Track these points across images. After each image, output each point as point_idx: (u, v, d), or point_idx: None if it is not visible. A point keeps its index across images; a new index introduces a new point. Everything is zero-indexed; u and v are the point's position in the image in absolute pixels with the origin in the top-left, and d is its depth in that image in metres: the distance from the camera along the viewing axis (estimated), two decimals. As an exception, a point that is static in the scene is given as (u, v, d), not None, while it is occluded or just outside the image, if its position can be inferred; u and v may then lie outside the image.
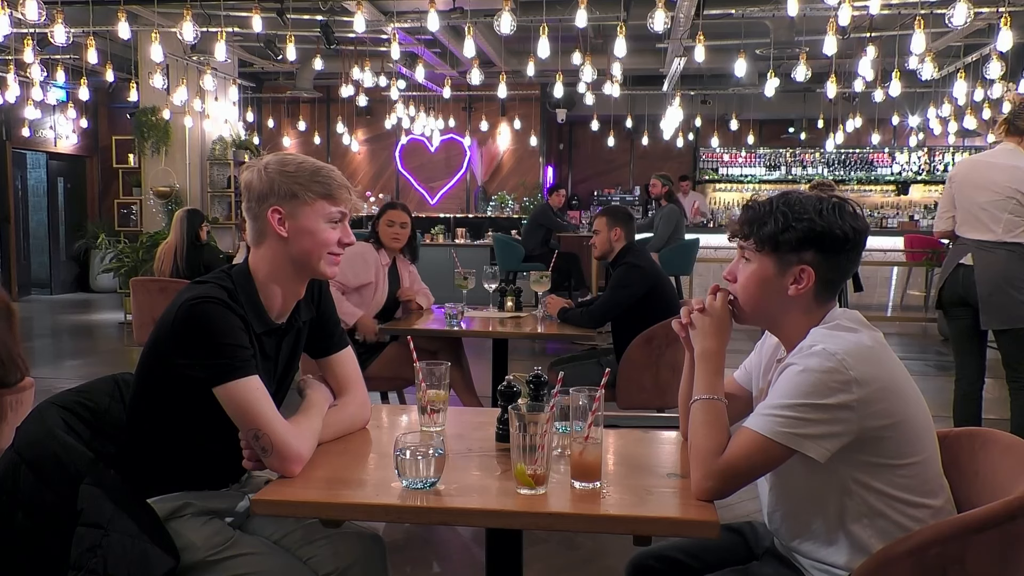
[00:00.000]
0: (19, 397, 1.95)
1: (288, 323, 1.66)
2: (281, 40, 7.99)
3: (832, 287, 1.45)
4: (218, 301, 1.49)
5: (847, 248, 1.41)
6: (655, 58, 9.81)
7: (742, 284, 1.48)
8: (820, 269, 1.41)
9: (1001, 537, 1.23)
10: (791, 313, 1.46)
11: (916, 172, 12.39)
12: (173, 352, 1.48)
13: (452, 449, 1.58)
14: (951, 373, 4.08)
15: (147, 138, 9.48)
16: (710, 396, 1.42)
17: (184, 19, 6.27)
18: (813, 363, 1.33)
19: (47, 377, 5.56)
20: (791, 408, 1.32)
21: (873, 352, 1.37)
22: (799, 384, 1.33)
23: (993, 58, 6.74)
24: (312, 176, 1.58)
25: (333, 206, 1.60)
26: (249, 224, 1.62)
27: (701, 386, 1.45)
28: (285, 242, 1.58)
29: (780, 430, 1.32)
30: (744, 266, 1.48)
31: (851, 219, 1.41)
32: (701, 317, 1.50)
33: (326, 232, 1.59)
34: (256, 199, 1.58)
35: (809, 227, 1.39)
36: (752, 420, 1.36)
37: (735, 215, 12.12)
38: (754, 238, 1.45)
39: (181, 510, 1.57)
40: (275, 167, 1.58)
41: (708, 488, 1.34)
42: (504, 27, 5.95)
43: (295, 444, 1.47)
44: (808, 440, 1.31)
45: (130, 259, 8.09)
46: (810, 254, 1.41)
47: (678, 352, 3.45)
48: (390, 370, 3.77)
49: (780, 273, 1.43)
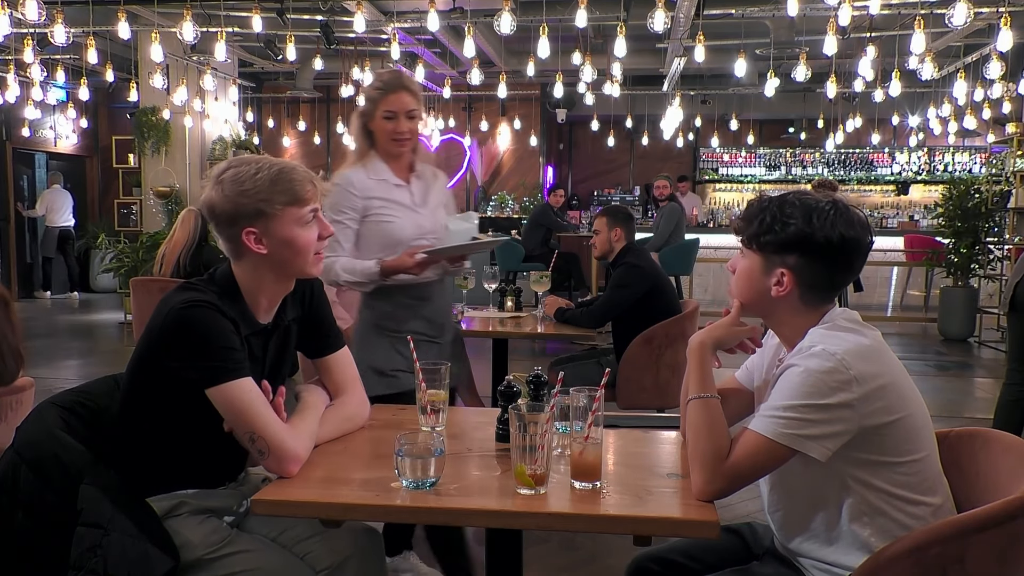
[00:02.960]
0: (19, 397, 1.95)
1: (274, 323, 1.65)
2: (281, 40, 7.99)
3: (820, 292, 1.43)
4: (208, 305, 1.48)
5: (831, 256, 1.39)
6: (655, 58, 9.81)
7: (736, 277, 1.51)
8: (802, 274, 1.41)
9: (1001, 537, 1.23)
10: (780, 312, 1.47)
11: (916, 172, 12.38)
12: (164, 356, 1.48)
13: (452, 449, 1.58)
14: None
15: (147, 138, 9.47)
16: (705, 395, 1.43)
17: (184, 19, 6.27)
18: (813, 364, 1.33)
19: (47, 377, 5.56)
20: (793, 409, 1.32)
21: (872, 350, 1.37)
22: (800, 385, 1.33)
23: (993, 58, 6.73)
24: (272, 186, 1.52)
25: (302, 208, 1.55)
26: (223, 244, 1.58)
27: (695, 383, 1.45)
28: (265, 256, 1.55)
29: (782, 431, 1.32)
30: (740, 260, 1.50)
31: (844, 227, 1.38)
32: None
33: (303, 237, 1.56)
34: (225, 223, 1.53)
35: (793, 232, 1.39)
36: (755, 422, 1.37)
37: (735, 215, 12.14)
38: (744, 236, 1.47)
39: (178, 508, 1.56)
40: (232, 186, 1.52)
41: (712, 490, 1.35)
42: (504, 27, 5.96)
43: (292, 444, 1.47)
44: (810, 440, 1.32)
45: (130, 259, 8.07)
46: (793, 258, 1.41)
47: (678, 352, 3.46)
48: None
49: (765, 273, 1.44)
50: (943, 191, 8.21)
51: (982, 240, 7.76)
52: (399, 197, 2.38)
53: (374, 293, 2.38)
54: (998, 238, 7.84)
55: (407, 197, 2.40)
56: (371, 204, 2.36)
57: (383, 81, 2.36)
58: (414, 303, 2.40)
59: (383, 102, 2.32)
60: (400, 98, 2.33)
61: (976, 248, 7.74)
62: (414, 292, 2.39)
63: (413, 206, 2.40)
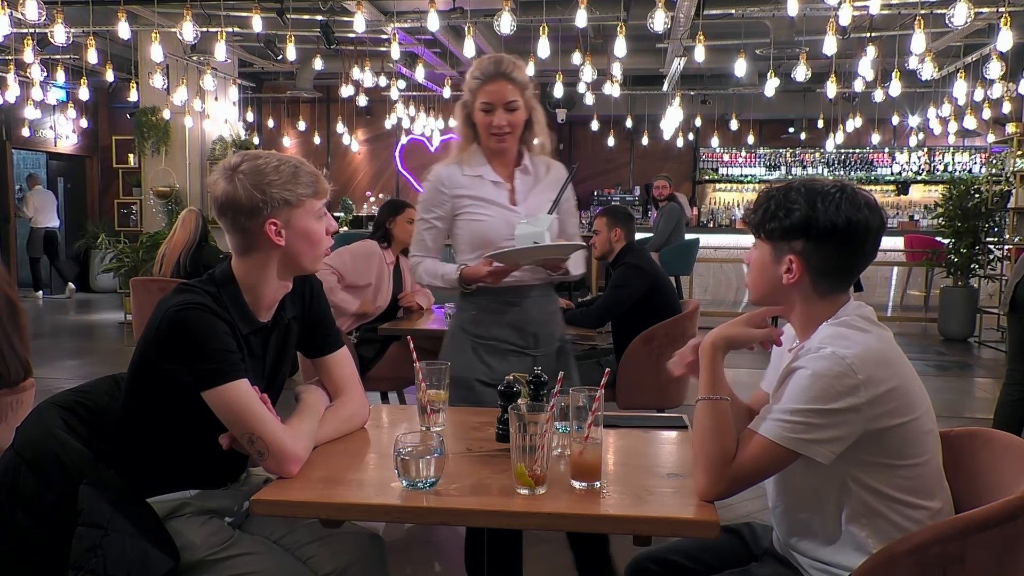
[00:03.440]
0: (19, 397, 1.95)
1: (274, 321, 1.65)
2: (281, 40, 7.99)
3: (831, 278, 1.42)
4: (203, 307, 1.48)
5: (838, 239, 1.37)
6: (655, 58, 9.81)
7: (750, 270, 1.51)
8: (811, 259, 1.40)
9: (1001, 537, 1.23)
10: (794, 301, 1.45)
11: (916, 172, 12.37)
12: (160, 358, 1.48)
13: (452, 449, 1.58)
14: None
15: (147, 138, 9.47)
16: (715, 397, 1.41)
17: (184, 19, 6.27)
18: (822, 367, 1.32)
19: (47, 377, 5.56)
20: (800, 413, 1.31)
21: (883, 354, 1.36)
22: (808, 388, 1.32)
23: (993, 58, 6.73)
24: (295, 177, 1.54)
25: (319, 200, 1.59)
26: (235, 237, 1.56)
27: (705, 384, 1.43)
28: (280, 249, 1.56)
29: (788, 435, 1.32)
30: (753, 252, 1.50)
31: (850, 209, 1.37)
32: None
33: (319, 230, 1.59)
34: (247, 214, 1.52)
35: (798, 217, 1.38)
36: (762, 424, 1.36)
37: (735, 215, 12.15)
38: (752, 226, 1.47)
39: (180, 509, 1.57)
40: (255, 177, 1.52)
41: (715, 492, 1.34)
42: (504, 27, 5.96)
43: (291, 444, 1.47)
44: (815, 444, 1.31)
45: (130, 259, 8.08)
46: (799, 243, 1.40)
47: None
48: (390, 370, 3.78)
49: (775, 261, 1.44)
50: (943, 191, 8.22)
51: (982, 240, 7.76)
52: (493, 195, 2.19)
53: (463, 294, 2.24)
54: (998, 238, 7.84)
55: (503, 195, 2.21)
56: (461, 202, 2.20)
57: (481, 69, 2.15)
58: (500, 308, 2.20)
59: (480, 92, 2.14)
60: (498, 88, 2.12)
61: (976, 248, 7.74)
62: (501, 296, 2.20)
63: (508, 205, 2.20)
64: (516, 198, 2.22)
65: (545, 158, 2.29)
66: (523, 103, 2.16)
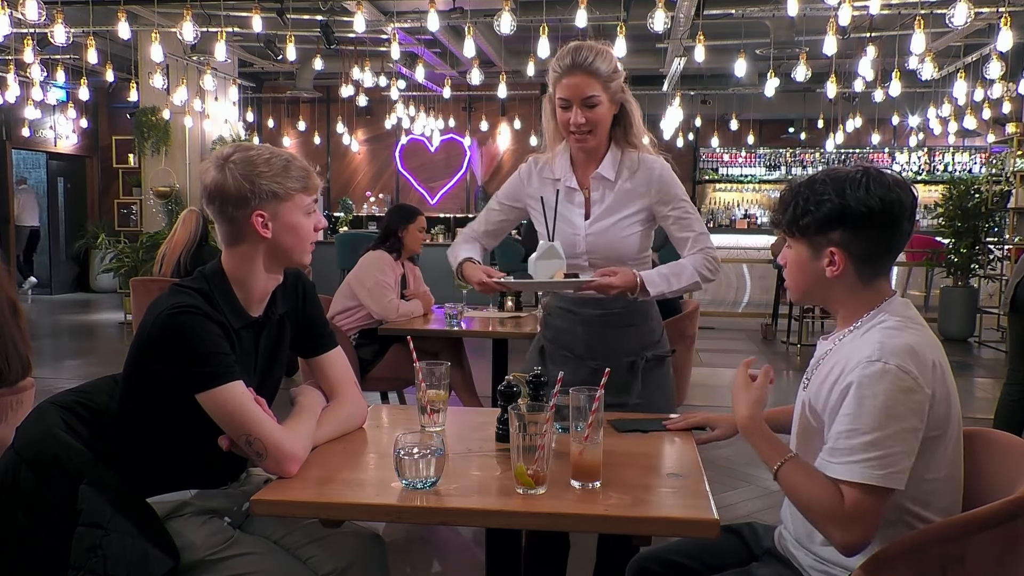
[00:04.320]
0: (19, 397, 1.95)
1: (265, 315, 1.65)
2: (281, 40, 7.99)
3: (875, 263, 1.40)
4: (195, 310, 1.48)
5: (876, 222, 1.35)
6: (655, 58, 9.81)
7: (788, 270, 1.49)
8: (852, 247, 1.37)
9: (1002, 537, 1.23)
10: (838, 294, 1.43)
11: (916, 172, 12.37)
12: (153, 361, 1.48)
13: (452, 449, 1.58)
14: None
15: (147, 138, 9.48)
16: (783, 460, 1.36)
17: (184, 19, 6.28)
18: (888, 385, 1.27)
19: (47, 377, 5.56)
20: (874, 446, 1.26)
21: (938, 360, 1.34)
22: (873, 412, 1.27)
23: (993, 58, 6.74)
24: (285, 171, 1.55)
25: (309, 196, 1.59)
26: (223, 227, 1.57)
27: (768, 456, 1.38)
28: (266, 241, 1.56)
29: (877, 473, 1.25)
30: (788, 252, 1.48)
31: (880, 190, 1.34)
32: (734, 395, 1.47)
33: (306, 225, 1.60)
34: (234, 204, 1.53)
35: (829, 208, 1.36)
36: (841, 469, 1.28)
37: (735, 215, 12.14)
38: (784, 226, 1.45)
39: (180, 509, 1.56)
40: (245, 167, 1.52)
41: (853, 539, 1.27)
42: (504, 27, 5.96)
43: (288, 444, 1.47)
44: (904, 473, 1.27)
45: (130, 259, 8.09)
46: (836, 234, 1.37)
47: (678, 352, 3.45)
48: (390, 370, 3.78)
49: (814, 257, 1.42)
50: (943, 191, 8.22)
51: (982, 240, 7.76)
52: (563, 206, 2.01)
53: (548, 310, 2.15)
54: (998, 238, 7.84)
55: (577, 207, 2.03)
56: (529, 203, 2.11)
57: (560, 61, 1.93)
58: (563, 314, 2.09)
59: (558, 87, 1.93)
60: (576, 83, 1.89)
61: (976, 248, 7.74)
62: (568, 303, 2.07)
63: (578, 218, 2.03)
64: (592, 210, 2.03)
65: (639, 156, 2.02)
66: (606, 97, 1.93)
